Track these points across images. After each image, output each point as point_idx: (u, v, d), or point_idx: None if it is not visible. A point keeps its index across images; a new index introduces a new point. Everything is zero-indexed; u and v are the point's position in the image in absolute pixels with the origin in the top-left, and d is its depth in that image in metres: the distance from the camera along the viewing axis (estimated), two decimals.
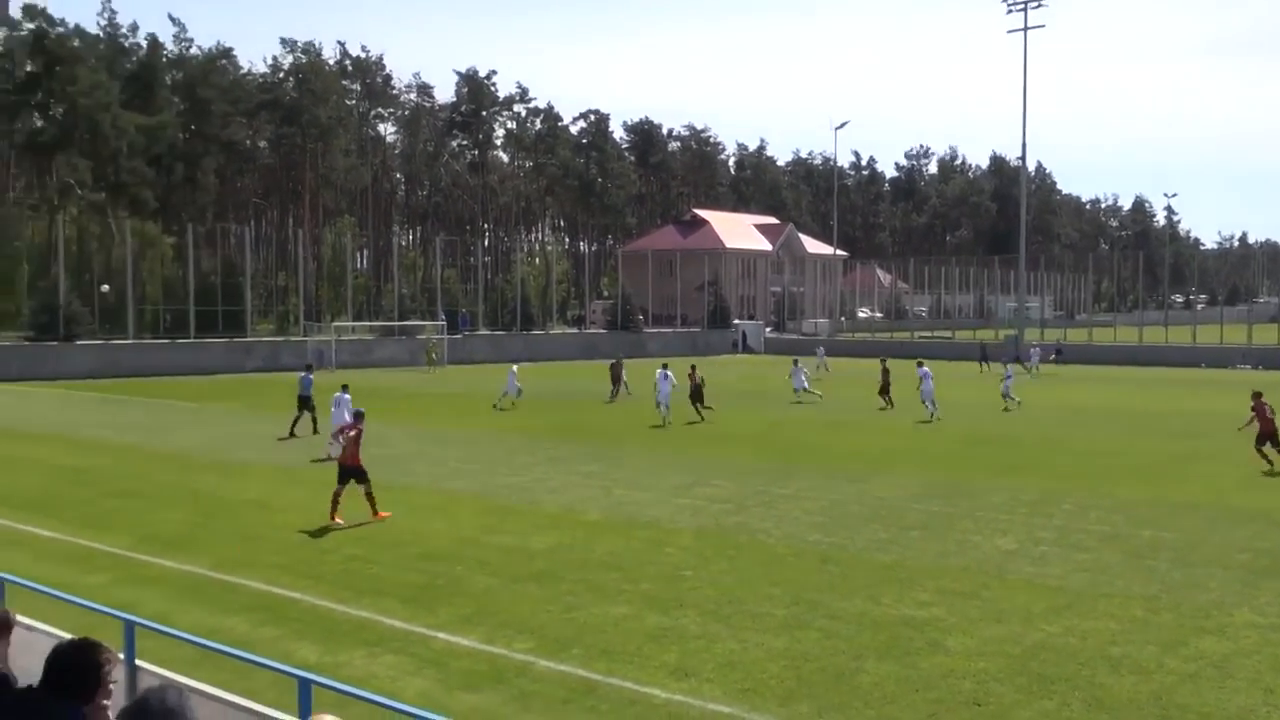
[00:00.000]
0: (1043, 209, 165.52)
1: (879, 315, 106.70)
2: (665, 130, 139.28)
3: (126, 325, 58.85)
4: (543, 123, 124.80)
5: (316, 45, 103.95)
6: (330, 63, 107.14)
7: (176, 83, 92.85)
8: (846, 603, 12.76)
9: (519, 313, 75.93)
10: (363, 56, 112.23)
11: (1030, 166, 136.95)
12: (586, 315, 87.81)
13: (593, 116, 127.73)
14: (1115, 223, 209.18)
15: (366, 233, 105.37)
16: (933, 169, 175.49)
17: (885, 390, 37.21)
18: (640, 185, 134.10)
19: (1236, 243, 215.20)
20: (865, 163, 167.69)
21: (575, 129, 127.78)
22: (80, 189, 79.53)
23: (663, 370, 33.35)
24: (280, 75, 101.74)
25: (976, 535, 16.54)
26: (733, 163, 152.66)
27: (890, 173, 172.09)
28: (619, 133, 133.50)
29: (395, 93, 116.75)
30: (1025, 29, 72.00)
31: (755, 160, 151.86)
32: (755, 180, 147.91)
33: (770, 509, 18.67)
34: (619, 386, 40.87)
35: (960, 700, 9.66)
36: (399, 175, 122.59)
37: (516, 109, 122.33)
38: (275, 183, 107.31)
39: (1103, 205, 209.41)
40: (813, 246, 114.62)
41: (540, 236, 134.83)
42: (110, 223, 73.96)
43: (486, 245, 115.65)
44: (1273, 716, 9.35)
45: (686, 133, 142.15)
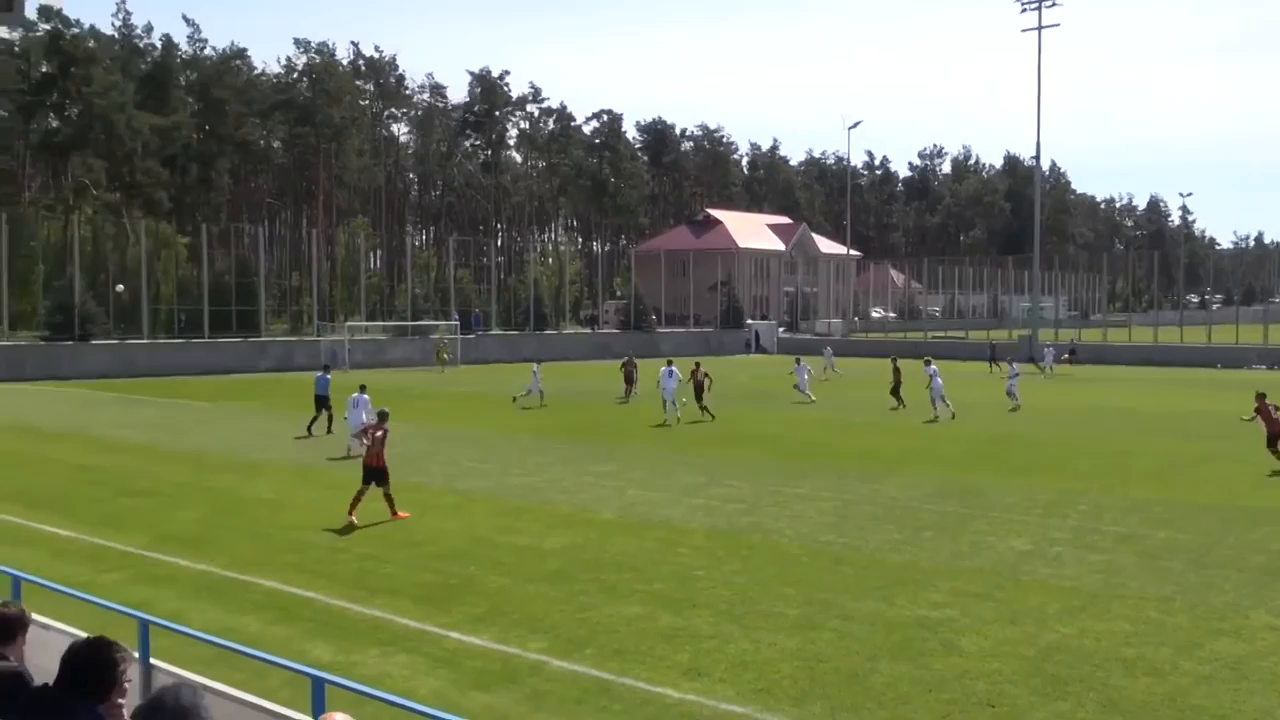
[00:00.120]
0: (1057, 209, 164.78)
1: (892, 315, 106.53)
2: (678, 130, 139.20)
3: (141, 325, 59.19)
4: (556, 123, 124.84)
5: (330, 45, 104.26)
6: (344, 63, 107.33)
7: (191, 83, 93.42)
8: (860, 603, 12.72)
9: (532, 313, 76.03)
10: (376, 57, 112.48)
11: (1044, 166, 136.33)
12: (599, 315, 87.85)
13: (605, 116, 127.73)
14: (1130, 222, 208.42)
15: (380, 233, 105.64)
16: (946, 169, 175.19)
17: (897, 390, 37.17)
18: (653, 185, 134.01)
19: (1252, 243, 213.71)
20: (879, 162, 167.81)
21: (588, 129, 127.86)
22: (95, 189, 79.97)
23: (667, 367, 33.32)
24: (294, 76, 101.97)
25: (990, 536, 16.48)
26: (746, 162, 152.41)
27: (904, 172, 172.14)
28: (632, 133, 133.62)
29: (408, 93, 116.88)
30: (1039, 28, 71.73)
31: (768, 160, 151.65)
32: (768, 180, 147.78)
33: (783, 509, 18.64)
34: (632, 386, 40.90)
35: (974, 702, 9.62)
36: (412, 175, 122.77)
37: (529, 109, 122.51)
38: (289, 183, 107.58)
39: (1117, 205, 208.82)
40: (826, 246, 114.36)
41: (553, 236, 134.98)
42: (125, 223, 74.23)
43: (500, 245, 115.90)
44: None
45: (699, 133, 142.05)
